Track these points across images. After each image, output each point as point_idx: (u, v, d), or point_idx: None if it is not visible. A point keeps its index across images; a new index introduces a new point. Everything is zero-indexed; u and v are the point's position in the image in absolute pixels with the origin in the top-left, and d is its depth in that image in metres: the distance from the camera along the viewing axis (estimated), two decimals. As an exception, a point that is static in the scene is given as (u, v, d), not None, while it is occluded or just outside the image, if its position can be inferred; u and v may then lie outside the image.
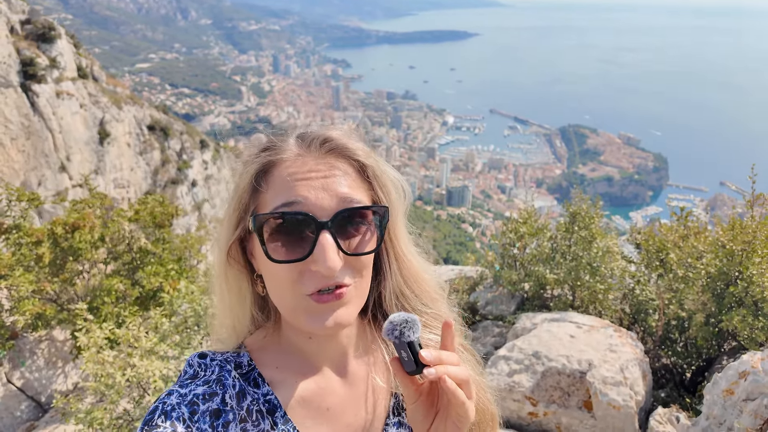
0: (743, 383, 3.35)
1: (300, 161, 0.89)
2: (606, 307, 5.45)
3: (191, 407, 0.84)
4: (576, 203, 5.97)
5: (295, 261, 0.84)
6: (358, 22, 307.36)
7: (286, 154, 0.90)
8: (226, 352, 0.98)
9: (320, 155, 0.90)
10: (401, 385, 0.85)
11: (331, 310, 0.86)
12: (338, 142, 0.92)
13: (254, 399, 0.91)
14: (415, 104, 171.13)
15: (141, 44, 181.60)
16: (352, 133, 0.96)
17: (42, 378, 5.83)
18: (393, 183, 0.97)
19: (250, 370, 0.95)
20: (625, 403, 3.95)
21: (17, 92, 26.38)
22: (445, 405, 0.86)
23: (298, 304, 0.86)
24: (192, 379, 0.90)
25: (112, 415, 3.38)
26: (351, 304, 0.88)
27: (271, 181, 0.89)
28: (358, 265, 0.89)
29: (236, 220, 0.93)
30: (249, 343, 1.00)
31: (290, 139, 0.93)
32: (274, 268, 0.87)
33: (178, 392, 0.87)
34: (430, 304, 1.04)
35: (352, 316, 0.89)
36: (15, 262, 5.51)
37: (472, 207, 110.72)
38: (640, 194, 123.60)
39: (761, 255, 4.02)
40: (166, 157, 38.47)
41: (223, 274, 0.97)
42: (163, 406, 0.84)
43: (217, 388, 0.89)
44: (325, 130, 0.94)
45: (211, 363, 0.93)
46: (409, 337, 0.80)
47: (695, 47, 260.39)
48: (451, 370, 0.80)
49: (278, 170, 0.89)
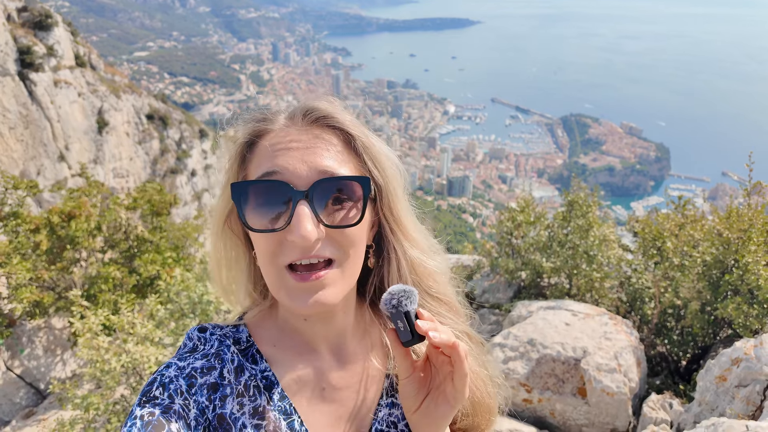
0: (736, 370, 3.36)
1: (284, 132, 0.88)
2: (603, 296, 5.46)
3: (189, 380, 0.85)
4: (574, 191, 5.95)
5: (273, 231, 0.83)
6: (359, 9, 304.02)
7: (273, 125, 0.90)
8: (225, 327, 0.97)
9: (304, 125, 0.88)
10: (397, 357, 0.85)
11: (313, 290, 0.84)
12: (323, 111, 0.90)
13: (252, 375, 0.91)
14: (416, 93, 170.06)
15: (139, 32, 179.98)
16: (337, 104, 0.93)
17: (40, 365, 5.87)
18: (387, 158, 0.93)
19: (248, 346, 0.95)
20: (619, 390, 3.98)
21: (15, 81, 26.21)
22: (437, 385, 0.86)
23: (278, 279, 0.85)
24: (191, 353, 0.91)
25: (108, 400, 3.41)
26: (334, 285, 0.86)
27: (256, 151, 0.88)
28: (342, 240, 0.85)
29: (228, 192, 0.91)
30: (248, 318, 1.00)
31: (280, 111, 0.92)
32: (257, 241, 0.86)
33: (177, 365, 0.87)
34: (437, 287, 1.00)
35: (336, 297, 0.86)
36: (12, 250, 5.52)
37: (473, 197, 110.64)
38: (642, 184, 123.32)
39: (757, 243, 4.01)
40: (165, 146, 38.35)
41: (223, 246, 0.96)
42: (161, 377, 0.84)
43: (216, 362, 0.89)
44: (310, 101, 0.92)
45: (211, 337, 0.94)
46: (406, 306, 0.80)
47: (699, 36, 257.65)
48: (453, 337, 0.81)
49: (263, 140, 0.88)
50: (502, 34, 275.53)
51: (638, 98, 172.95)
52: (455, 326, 1.00)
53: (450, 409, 0.86)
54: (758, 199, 4.34)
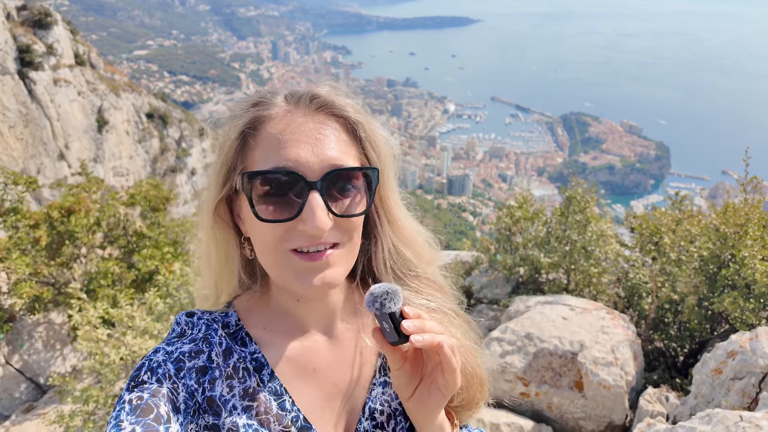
0: (731, 363, 3.38)
1: (288, 118, 0.87)
2: (600, 291, 5.48)
3: (177, 364, 0.86)
4: (572, 187, 5.97)
5: (284, 221, 0.84)
6: (358, 7, 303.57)
7: (274, 110, 0.88)
8: (214, 312, 0.98)
9: (309, 112, 0.88)
10: (385, 353, 0.86)
11: (319, 270, 0.86)
12: (327, 98, 0.90)
13: (241, 357, 0.92)
14: (416, 92, 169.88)
15: (138, 31, 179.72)
16: (340, 89, 0.95)
17: (40, 360, 5.90)
18: (385, 143, 0.95)
19: (237, 329, 0.96)
20: (616, 383, 4.00)
21: (14, 79, 26.21)
22: (429, 372, 0.87)
23: (283, 262, 0.86)
24: (179, 338, 0.91)
25: (108, 393, 3.43)
26: (339, 265, 0.88)
27: (260, 138, 0.87)
28: (348, 227, 0.88)
29: (223, 177, 0.91)
30: (237, 304, 1.01)
31: (279, 96, 0.91)
32: (261, 228, 0.86)
33: (165, 350, 0.88)
34: (424, 268, 1.03)
35: (340, 277, 0.89)
36: (12, 245, 5.53)
37: (473, 196, 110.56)
38: (642, 183, 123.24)
39: (753, 237, 4.03)
40: (165, 145, 38.35)
41: (212, 237, 0.97)
42: (149, 362, 0.85)
43: (204, 346, 0.90)
44: (313, 87, 0.92)
45: (198, 322, 0.94)
46: (390, 308, 0.80)
47: (699, 33, 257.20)
48: (438, 337, 0.80)
49: (267, 127, 0.87)
50: (502, 33, 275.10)
51: (638, 96, 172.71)
52: (443, 304, 1.02)
53: (442, 398, 0.87)
54: (755, 195, 4.36)
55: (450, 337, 0.84)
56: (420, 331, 0.80)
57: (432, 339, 0.79)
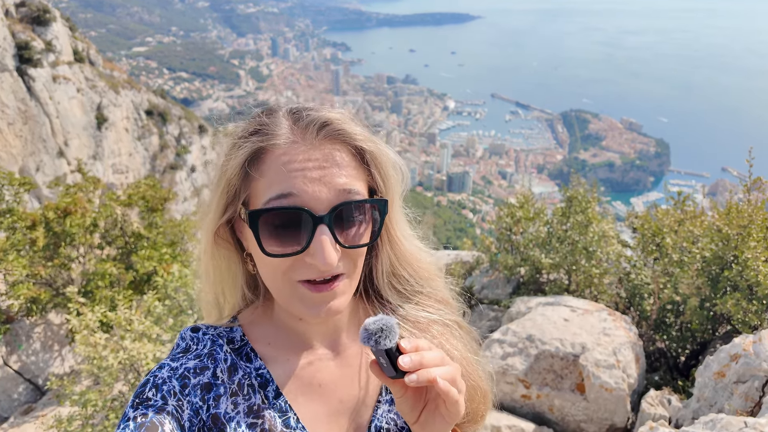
0: (735, 366, 3.36)
1: (294, 148, 0.83)
2: (602, 291, 5.45)
3: (182, 380, 0.85)
4: (573, 187, 5.93)
5: (292, 255, 0.83)
6: (358, 4, 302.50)
7: (279, 139, 0.84)
8: (219, 327, 0.97)
9: (316, 141, 0.84)
10: (385, 384, 0.84)
11: (327, 300, 0.86)
12: (336, 126, 0.86)
13: (246, 373, 0.91)
14: (416, 89, 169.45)
15: (137, 27, 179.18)
16: (350, 116, 0.91)
17: (39, 361, 5.88)
18: (393, 167, 0.94)
19: (242, 344, 0.95)
20: (618, 386, 3.97)
21: (13, 76, 26.12)
22: (433, 398, 0.85)
23: (291, 291, 0.86)
24: (184, 353, 0.90)
25: (106, 396, 3.41)
26: (345, 293, 0.89)
27: (264, 169, 0.84)
28: (354, 256, 0.88)
29: (224, 204, 0.89)
30: (242, 319, 1.00)
31: (282, 121, 0.86)
32: (266, 257, 0.85)
33: (170, 366, 0.87)
34: (425, 283, 1.03)
35: (345, 304, 0.89)
36: (9, 246, 5.50)
37: (473, 193, 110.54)
38: (642, 180, 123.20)
39: (756, 239, 4.00)
40: (164, 142, 38.27)
41: (211, 256, 0.96)
42: (154, 379, 0.84)
43: (209, 362, 0.89)
44: (321, 113, 0.87)
45: (203, 337, 0.93)
46: (385, 345, 0.77)
47: (700, 30, 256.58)
48: (434, 371, 0.77)
49: (271, 157, 0.84)
50: (502, 30, 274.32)
51: (638, 93, 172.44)
52: (444, 316, 1.02)
53: (446, 425, 0.85)
54: (758, 195, 4.32)
55: (449, 364, 0.81)
56: (417, 366, 0.76)
57: (427, 375, 0.76)
